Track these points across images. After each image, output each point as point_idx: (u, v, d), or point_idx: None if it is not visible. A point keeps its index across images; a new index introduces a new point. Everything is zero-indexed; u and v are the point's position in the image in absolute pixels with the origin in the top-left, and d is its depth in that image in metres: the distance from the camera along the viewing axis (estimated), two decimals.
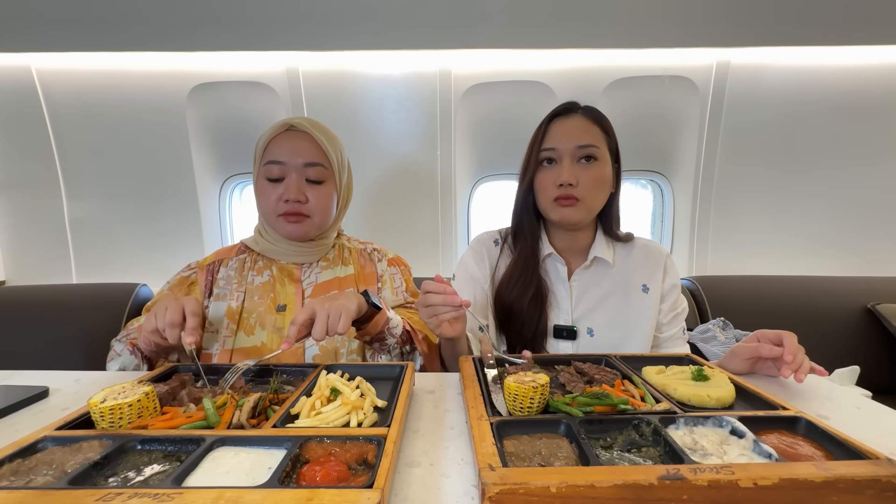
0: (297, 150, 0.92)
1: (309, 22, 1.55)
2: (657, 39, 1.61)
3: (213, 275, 0.98)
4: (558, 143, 0.91)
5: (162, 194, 1.84)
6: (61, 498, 0.35)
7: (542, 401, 0.52)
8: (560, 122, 0.93)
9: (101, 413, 0.48)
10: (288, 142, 0.93)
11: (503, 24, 1.57)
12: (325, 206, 0.96)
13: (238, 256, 1.01)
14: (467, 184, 2.01)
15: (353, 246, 1.10)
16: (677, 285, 1.01)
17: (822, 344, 1.55)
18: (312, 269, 1.01)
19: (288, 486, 0.38)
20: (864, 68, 1.72)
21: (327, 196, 0.96)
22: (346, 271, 1.03)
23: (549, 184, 0.91)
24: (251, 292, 0.95)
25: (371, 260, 1.08)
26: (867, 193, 1.86)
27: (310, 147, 0.93)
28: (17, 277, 1.90)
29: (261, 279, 0.97)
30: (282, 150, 0.92)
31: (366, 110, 1.78)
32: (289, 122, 0.94)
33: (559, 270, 0.98)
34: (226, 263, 1.00)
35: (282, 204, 0.92)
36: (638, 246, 1.01)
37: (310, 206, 0.94)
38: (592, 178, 0.90)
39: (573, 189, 0.89)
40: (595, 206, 0.94)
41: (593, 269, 0.98)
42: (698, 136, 1.81)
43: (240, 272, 0.99)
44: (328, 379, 0.60)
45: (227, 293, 0.96)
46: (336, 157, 0.97)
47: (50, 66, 1.67)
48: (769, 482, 0.37)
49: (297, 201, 0.91)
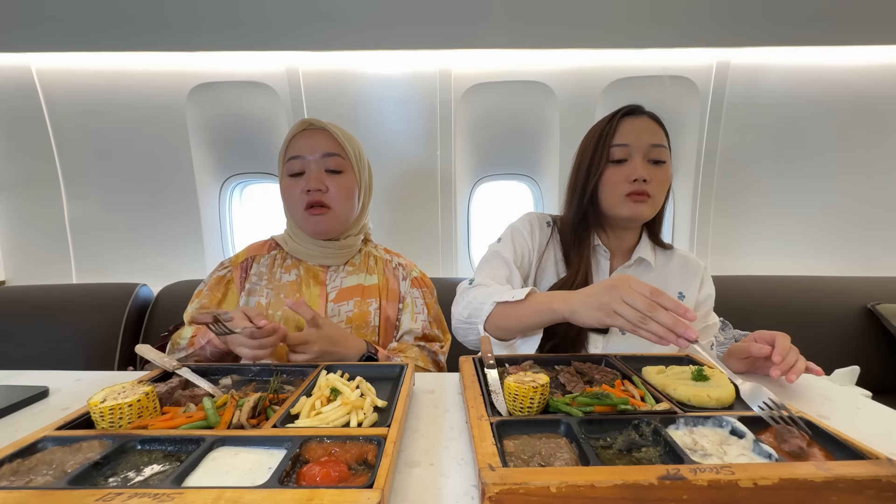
0: (315, 144, 0.97)
1: (309, 22, 1.55)
2: (657, 39, 1.61)
3: (247, 271, 1.02)
4: (631, 139, 0.91)
5: (162, 194, 1.84)
6: (61, 498, 0.35)
7: (542, 401, 0.52)
8: (631, 121, 0.94)
9: (101, 413, 0.48)
10: (306, 138, 0.98)
11: (503, 24, 1.57)
12: (345, 194, 0.98)
13: (269, 253, 1.05)
14: (467, 184, 2.01)
15: (379, 255, 1.10)
16: (712, 296, 1.02)
17: (822, 344, 1.55)
18: (338, 273, 1.03)
19: (288, 486, 0.38)
20: (864, 68, 1.72)
21: (347, 185, 0.99)
22: (370, 280, 1.04)
23: (620, 179, 0.91)
24: (278, 290, 0.99)
25: (395, 276, 1.07)
26: (867, 193, 1.87)
27: (326, 140, 0.98)
28: (17, 277, 1.90)
29: (288, 277, 1.01)
30: (301, 145, 0.97)
31: (366, 110, 1.78)
32: (307, 121, 0.99)
33: (601, 265, 0.99)
34: (258, 260, 1.04)
35: (304, 196, 0.96)
36: (677, 255, 1.03)
37: (330, 196, 0.97)
38: (663, 177, 0.92)
39: (647, 185, 0.89)
40: (659, 206, 0.95)
41: (633, 269, 0.99)
42: (698, 136, 1.81)
43: (270, 269, 1.02)
44: (328, 379, 0.60)
45: (257, 289, 1.00)
46: (353, 151, 1.00)
47: (50, 66, 1.67)
48: (769, 482, 0.37)
49: (317, 190, 0.95)
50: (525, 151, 1.92)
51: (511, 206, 2.11)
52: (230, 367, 0.69)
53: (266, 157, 1.92)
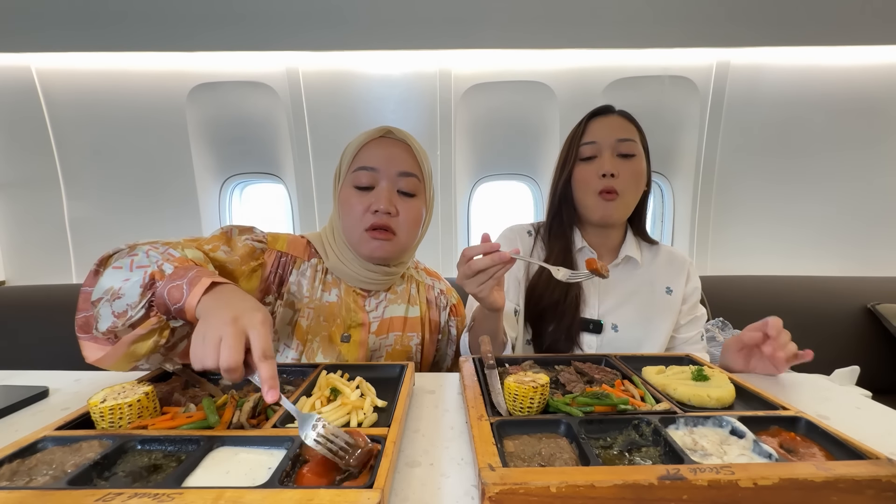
0: (393, 158, 0.83)
1: (309, 22, 1.55)
2: (657, 39, 1.61)
3: (286, 272, 0.86)
4: (599, 137, 0.94)
5: (162, 194, 1.85)
6: (61, 498, 0.35)
7: (542, 401, 0.52)
8: (599, 120, 0.97)
9: (101, 413, 0.48)
10: (382, 148, 0.84)
11: (503, 24, 1.57)
12: (413, 222, 0.86)
13: (310, 262, 0.89)
14: (467, 184, 2.01)
15: (421, 279, 1.00)
16: (698, 289, 1.04)
17: (822, 344, 1.54)
18: (379, 301, 0.91)
19: (288, 486, 0.38)
20: (864, 68, 1.72)
21: (417, 212, 0.86)
22: (413, 312, 0.93)
23: (590, 176, 0.93)
24: (318, 310, 0.85)
25: (437, 306, 0.99)
26: (868, 193, 1.87)
27: (405, 156, 0.84)
28: (17, 277, 1.90)
29: (329, 297, 0.87)
30: (376, 156, 0.83)
31: (366, 110, 1.78)
32: (385, 129, 0.86)
33: None
34: (299, 265, 0.88)
35: (369, 216, 0.82)
36: (663, 251, 1.04)
37: (398, 221, 0.83)
38: (632, 171, 0.92)
39: (614, 181, 0.91)
40: (631, 203, 0.96)
41: (622, 268, 1.00)
42: (698, 136, 1.81)
43: (311, 282, 0.87)
44: (328, 379, 0.60)
45: (295, 302, 0.85)
46: (428, 171, 0.89)
47: (50, 66, 1.67)
48: (769, 482, 0.37)
49: (386, 213, 0.81)
50: (525, 151, 1.93)
51: (511, 206, 2.11)
52: None
53: (266, 158, 1.92)
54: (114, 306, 0.58)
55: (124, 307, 0.58)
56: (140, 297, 0.58)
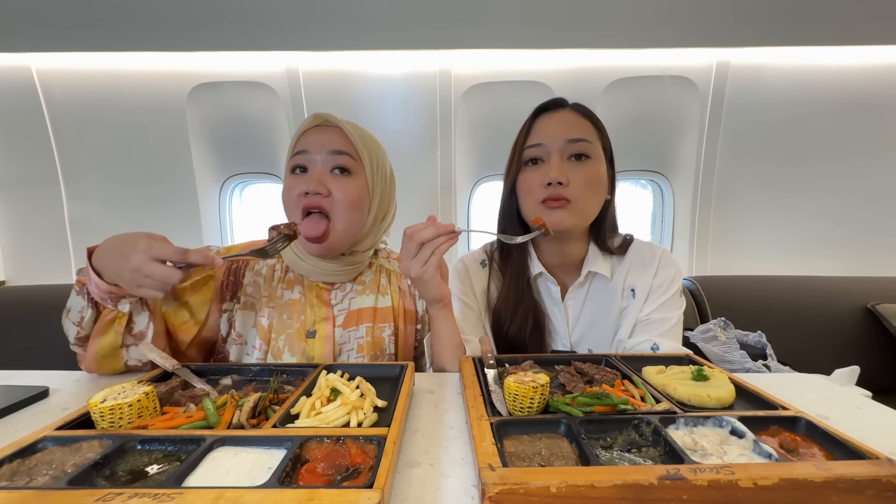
0: (325, 141, 0.83)
1: (309, 22, 1.55)
2: (657, 39, 1.61)
3: (238, 276, 0.88)
4: (545, 137, 0.81)
5: (162, 194, 1.85)
6: (61, 498, 0.35)
7: (542, 401, 0.52)
8: (547, 117, 0.84)
9: (101, 413, 0.48)
10: (317, 134, 0.84)
11: (503, 24, 1.57)
12: (351, 204, 0.82)
13: (266, 262, 0.90)
14: (467, 184, 2.01)
15: (392, 268, 0.96)
16: (671, 281, 0.86)
17: (822, 344, 1.55)
18: (345, 293, 0.89)
19: (288, 486, 0.38)
20: (864, 68, 1.72)
21: (355, 192, 0.82)
22: (383, 302, 0.90)
23: (535, 184, 0.80)
24: (280, 308, 0.85)
25: (411, 294, 0.95)
26: (867, 193, 1.87)
27: (338, 138, 0.84)
28: (17, 277, 1.90)
29: (291, 295, 0.87)
30: (309, 140, 0.84)
31: (366, 110, 1.78)
32: (321, 117, 0.86)
33: (552, 291, 0.89)
34: (251, 266, 0.89)
35: (302, 198, 0.81)
36: (633, 249, 0.90)
37: (332, 201, 0.81)
38: (585, 176, 0.79)
39: (563, 189, 0.78)
40: (589, 211, 0.82)
41: (588, 286, 0.89)
42: (698, 136, 1.81)
43: (269, 281, 0.87)
44: (328, 379, 0.60)
45: (255, 302, 0.86)
46: (368, 154, 0.85)
47: (50, 66, 1.67)
48: (769, 482, 0.37)
49: (317, 193, 0.80)
50: None
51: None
52: (230, 367, 0.69)
53: (266, 158, 1.92)
54: (70, 318, 0.71)
55: (78, 316, 0.71)
56: (83, 300, 0.70)
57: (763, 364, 1.20)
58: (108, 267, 0.66)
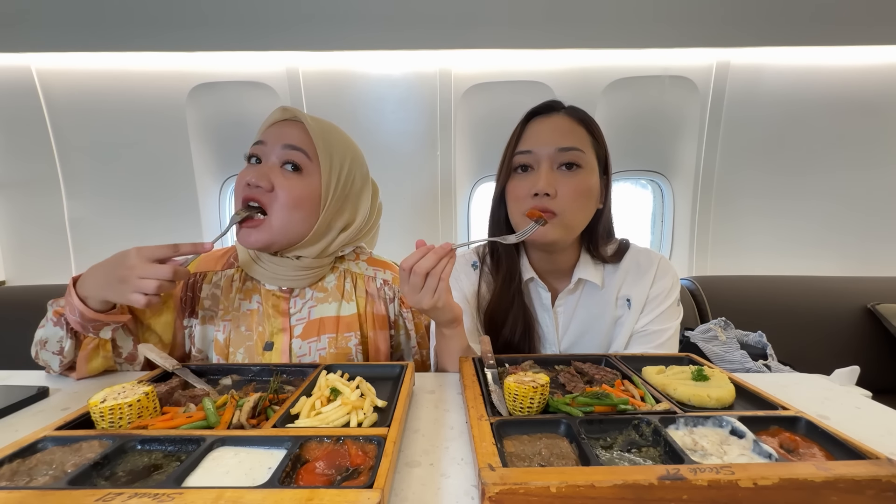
0: (283, 134, 0.78)
1: (309, 22, 1.55)
2: (657, 39, 1.61)
3: (196, 291, 0.84)
4: (536, 144, 0.78)
5: (162, 194, 1.85)
6: (61, 498, 0.35)
7: (542, 401, 0.52)
8: (539, 122, 0.81)
9: (101, 413, 0.48)
10: (279, 127, 0.80)
11: (503, 24, 1.57)
12: (291, 200, 0.76)
13: (225, 272, 0.85)
14: (467, 184, 2.01)
15: (360, 270, 0.89)
16: (669, 291, 0.85)
17: (822, 344, 1.55)
18: (305, 301, 0.84)
19: (288, 486, 0.38)
20: (864, 68, 1.72)
21: (299, 189, 0.76)
22: (347, 309, 0.84)
23: (522, 193, 0.78)
24: (237, 320, 0.81)
25: (381, 297, 0.88)
26: (867, 193, 1.87)
27: (298, 133, 0.79)
28: (17, 277, 1.90)
29: (248, 305, 0.82)
30: (269, 132, 0.80)
31: (366, 110, 1.78)
32: (290, 111, 0.82)
33: (542, 297, 0.87)
34: (209, 279, 0.84)
35: (245, 188, 0.76)
36: (629, 256, 0.87)
37: (272, 197, 0.75)
38: (574, 188, 0.76)
39: (550, 200, 0.76)
40: (576, 224, 0.80)
41: (579, 293, 0.87)
42: (698, 137, 1.81)
43: (226, 293, 0.83)
44: (328, 379, 0.60)
45: (212, 316, 0.82)
46: (329, 155, 0.79)
47: (50, 66, 1.67)
48: (769, 482, 0.37)
49: (257, 186, 0.75)
50: None
51: None
52: (230, 367, 0.69)
53: None
54: (49, 348, 0.71)
55: (57, 346, 0.71)
56: (61, 331, 0.70)
57: (763, 364, 1.20)
58: (97, 283, 0.67)
